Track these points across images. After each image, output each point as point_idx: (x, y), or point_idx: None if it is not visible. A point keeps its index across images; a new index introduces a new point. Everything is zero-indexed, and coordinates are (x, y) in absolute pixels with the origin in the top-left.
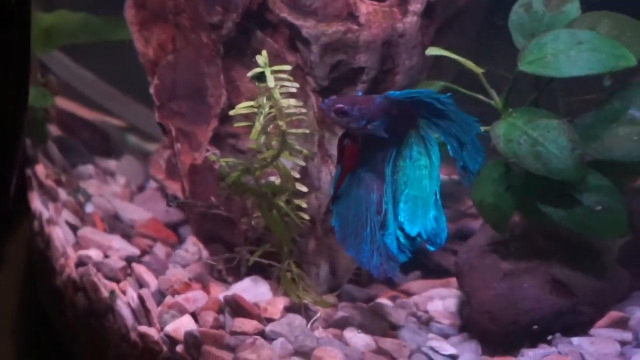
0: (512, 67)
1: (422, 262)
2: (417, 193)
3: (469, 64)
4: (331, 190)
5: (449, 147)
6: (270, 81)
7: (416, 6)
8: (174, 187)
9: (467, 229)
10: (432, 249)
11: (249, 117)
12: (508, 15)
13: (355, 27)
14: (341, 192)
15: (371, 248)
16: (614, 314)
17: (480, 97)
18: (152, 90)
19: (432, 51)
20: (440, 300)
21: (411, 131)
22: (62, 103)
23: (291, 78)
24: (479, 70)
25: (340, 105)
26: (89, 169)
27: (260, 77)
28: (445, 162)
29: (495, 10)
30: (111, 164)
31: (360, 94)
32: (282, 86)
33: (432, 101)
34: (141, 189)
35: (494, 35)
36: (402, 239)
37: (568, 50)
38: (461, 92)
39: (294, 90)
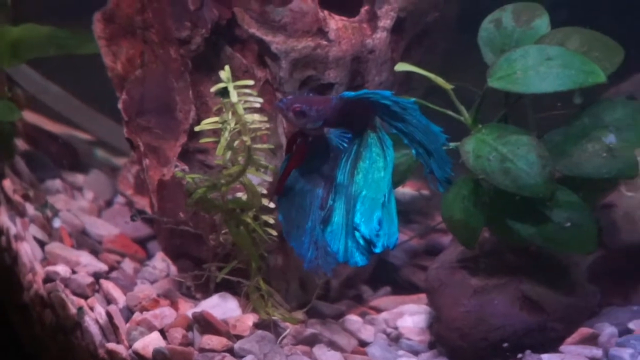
0: (482, 83)
1: (392, 278)
2: (374, 195)
3: (438, 79)
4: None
5: (413, 151)
6: (234, 96)
7: (386, 22)
8: (143, 203)
9: (437, 244)
10: (376, 250)
11: (217, 132)
12: (477, 30)
13: (325, 42)
14: (287, 185)
15: (310, 240)
16: (584, 331)
17: (450, 113)
18: (120, 105)
19: (401, 67)
20: (410, 316)
21: (369, 132)
22: (30, 117)
23: (255, 93)
24: (448, 86)
25: (298, 106)
26: (56, 183)
27: (224, 92)
28: (415, 177)
29: (465, 26)
30: (79, 178)
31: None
32: (246, 101)
33: (389, 103)
34: (109, 204)
35: (463, 51)
36: (361, 241)
37: (537, 66)
38: (431, 108)
39: (258, 105)
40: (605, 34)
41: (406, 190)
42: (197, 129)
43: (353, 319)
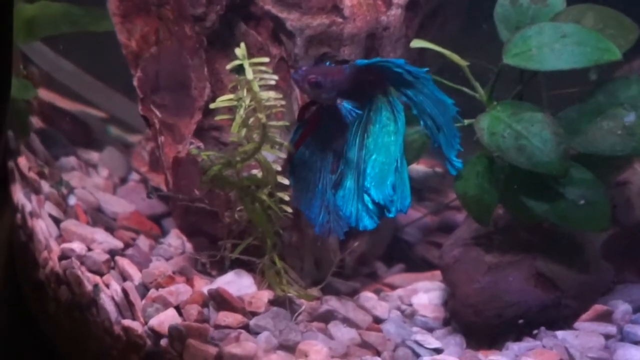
0: (497, 61)
1: (406, 255)
2: (384, 159)
3: (454, 56)
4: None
5: (421, 122)
6: (249, 73)
7: None
8: (158, 180)
9: (451, 221)
10: (390, 215)
11: (232, 110)
12: (493, 7)
13: (340, 19)
14: (299, 151)
15: (320, 204)
16: (598, 308)
17: (465, 89)
18: (135, 82)
19: (416, 43)
20: (425, 293)
21: (380, 96)
22: (44, 94)
23: (270, 70)
24: (463, 62)
25: (314, 77)
26: (71, 160)
27: (240, 69)
28: (428, 154)
29: (480, 3)
30: (93, 155)
31: (328, 64)
32: (261, 79)
33: (401, 71)
34: (124, 181)
35: (479, 27)
36: (370, 205)
37: (552, 44)
38: (445, 85)
39: (273, 82)
40: (621, 11)
41: (420, 167)
42: (212, 106)
43: (368, 296)
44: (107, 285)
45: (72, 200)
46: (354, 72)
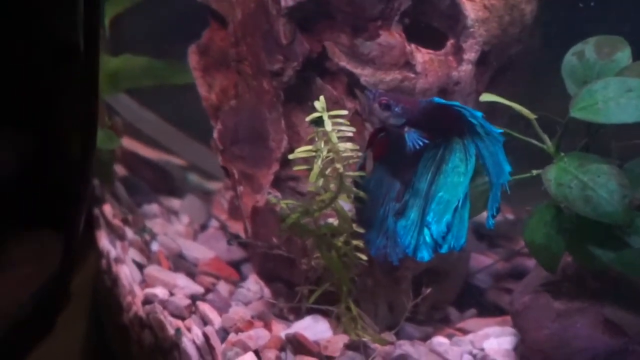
0: (565, 113)
1: (478, 300)
2: (449, 198)
3: (522, 109)
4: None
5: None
6: (328, 125)
7: (471, 55)
8: (236, 227)
9: (521, 268)
10: (441, 251)
11: (308, 161)
12: (561, 62)
13: (412, 75)
14: (367, 175)
15: (380, 229)
16: None
17: (534, 141)
18: (215, 134)
19: (485, 97)
20: (496, 338)
21: (456, 138)
22: (127, 143)
23: (348, 122)
24: (531, 115)
25: (385, 99)
26: (153, 208)
27: (318, 121)
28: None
29: (548, 58)
30: (175, 203)
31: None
32: (339, 130)
33: (476, 123)
34: (204, 227)
35: (547, 81)
36: (428, 238)
37: (618, 98)
38: (515, 137)
39: (350, 134)
40: None
41: None
42: (291, 156)
43: (440, 340)
44: (189, 330)
45: (154, 247)
46: (428, 108)
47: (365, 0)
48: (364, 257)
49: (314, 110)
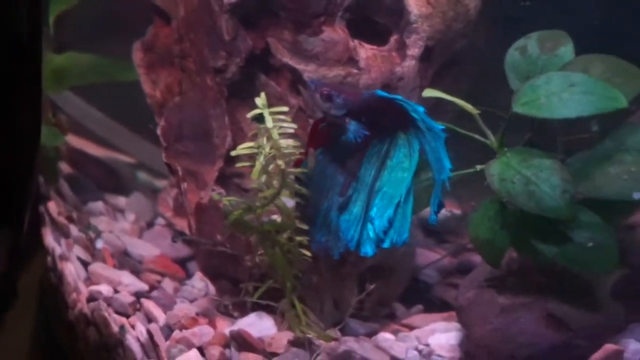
0: (510, 108)
1: (425, 296)
2: (392, 193)
3: (465, 105)
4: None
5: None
6: (269, 122)
7: (414, 50)
8: (182, 224)
9: (469, 263)
10: (384, 246)
11: (252, 157)
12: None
13: (356, 71)
14: (312, 164)
15: (322, 222)
16: (608, 347)
17: (477, 137)
18: (159, 131)
19: (428, 93)
20: (442, 333)
21: (401, 133)
22: (73, 141)
23: (289, 119)
24: (474, 111)
25: (327, 90)
26: (99, 205)
27: (260, 118)
28: (446, 197)
29: (492, 53)
30: (121, 200)
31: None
32: (280, 127)
33: (417, 118)
34: (150, 225)
35: (493, 77)
36: (371, 233)
37: (561, 93)
38: (459, 132)
39: (291, 130)
40: (629, 60)
41: None
42: (233, 153)
43: (386, 337)
44: (133, 327)
45: (99, 244)
46: (370, 100)
47: None
48: (308, 254)
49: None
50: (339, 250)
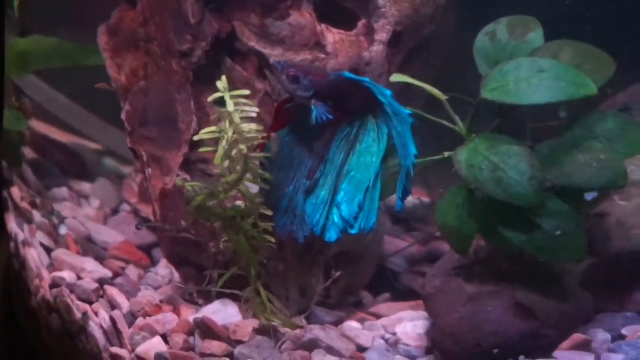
0: (478, 94)
1: (393, 285)
2: (361, 178)
3: (433, 90)
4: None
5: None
6: (230, 105)
7: (382, 35)
8: (147, 211)
9: (437, 251)
10: (352, 232)
11: (217, 143)
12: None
13: (323, 55)
14: (276, 148)
15: (287, 206)
16: (577, 337)
17: (446, 123)
18: (123, 116)
19: (396, 78)
20: (409, 322)
21: (370, 117)
22: (37, 126)
23: (251, 103)
24: (442, 97)
25: (294, 71)
26: (63, 191)
27: (221, 102)
28: (415, 185)
29: (462, 38)
30: (85, 186)
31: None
32: (242, 111)
33: (384, 101)
34: (115, 211)
35: (463, 62)
36: (336, 218)
37: (530, 78)
38: (427, 119)
39: (254, 115)
40: (600, 47)
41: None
42: (195, 138)
43: (352, 325)
44: (96, 314)
45: (63, 230)
46: (338, 82)
47: None
48: (273, 240)
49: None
50: (304, 234)
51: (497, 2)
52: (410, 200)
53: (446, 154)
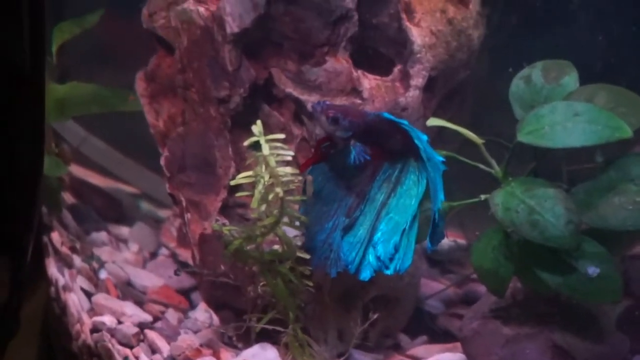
0: (513, 138)
1: (430, 327)
2: (399, 219)
3: (469, 134)
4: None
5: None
6: (265, 149)
7: (418, 81)
8: (186, 255)
9: (473, 293)
10: (387, 272)
11: (255, 187)
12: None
13: (359, 101)
14: (318, 185)
15: (325, 240)
16: None
17: (481, 166)
18: (162, 161)
19: (432, 122)
20: None
21: (412, 159)
22: (75, 170)
23: (287, 147)
24: (478, 140)
25: (332, 112)
26: (102, 235)
27: (257, 146)
28: (451, 227)
29: (496, 83)
30: (124, 230)
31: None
32: (278, 154)
33: (420, 146)
34: (153, 255)
35: (497, 106)
36: (371, 258)
37: (565, 122)
38: (463, 162)
39: (289, 158)
40: (634, 90)
41: (444, 240)
42: (232, 182)
43: None
44: (137, 358)
45: (103, 275)
46: (376, 122)
47: (311, 26)
48: (310, 284)
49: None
50: (337, 269)
51: (530, 47)
52: (446, 242)
53: (482, 197)
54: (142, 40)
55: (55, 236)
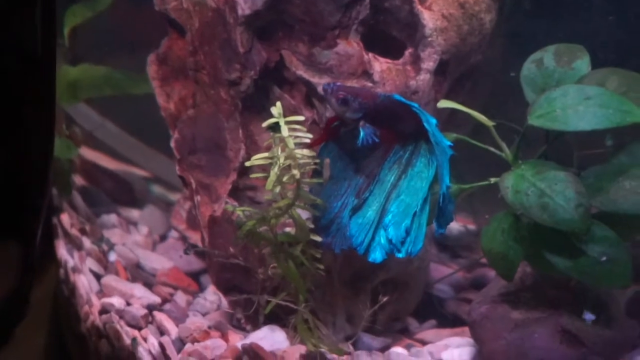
0: (525, 121)
1: (438, 311)
2: (410, 202)
3: (480, 116)
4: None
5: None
6: (284, 130)
7: (429, 64)
8: (195, 237)
9: (483, 278)
10: (399, 255)
11: (266, 170)
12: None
13: (370, 84)
14: (331, 161)
15: (333, 219)
16: None
17: (492, 149)
18: (172, 144)
19: (443, 104)
20: (455, 349)
21: (423, 142)
22: (86, 153)
23: (304, 129)
24: (489, 123)
25: (343, 94)
26: (112, 218)
27: (275, 127)
28: (461, 212)
29: (508, 66)
30: (134, 213)
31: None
32: (296, 137)
33: (429, 130)
34: (163, 238)
35: (509, 90)
36: (383, 240)
37: (576, 105)
38: (474, 145)
39: (307, 140)
40: None
41: (453, 224)
42: (247, 164)
43: (398, 351)
44: (145, 339)
45: (112, 257)
46: (386, 104)
47: (322, 9)
48: (322, 267)
49: (272, 118)
50: (341, 247)
51: (542, 31)
52: (456, 227)
53: (492, 180)
54: (154, 23)
55: (65, 218)
